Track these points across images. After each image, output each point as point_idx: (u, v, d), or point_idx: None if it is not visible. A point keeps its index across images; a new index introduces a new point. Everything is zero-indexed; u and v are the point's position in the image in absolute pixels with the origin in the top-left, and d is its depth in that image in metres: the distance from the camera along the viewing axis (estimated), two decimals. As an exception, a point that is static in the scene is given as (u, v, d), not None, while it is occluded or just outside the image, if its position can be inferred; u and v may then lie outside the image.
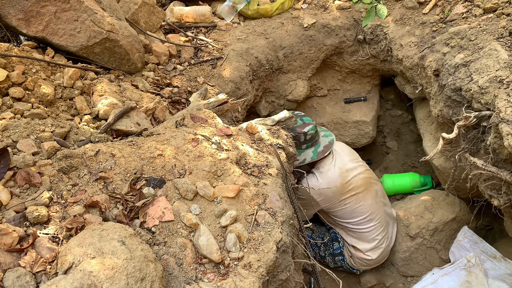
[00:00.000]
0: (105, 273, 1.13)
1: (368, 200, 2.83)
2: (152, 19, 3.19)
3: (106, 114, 2.09)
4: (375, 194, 2.89)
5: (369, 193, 2.85)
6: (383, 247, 2.91)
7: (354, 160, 2.90)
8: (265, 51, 3.15)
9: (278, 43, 3.23)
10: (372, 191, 2.88)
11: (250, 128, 2.12)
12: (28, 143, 1.66)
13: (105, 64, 2.55)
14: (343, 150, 2.94)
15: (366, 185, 2.84)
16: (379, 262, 2.99)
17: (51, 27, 2.37)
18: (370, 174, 2.96)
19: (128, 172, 1.69)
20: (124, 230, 1.30)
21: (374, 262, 2.96)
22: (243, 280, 1.45)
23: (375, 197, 2.88)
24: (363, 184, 2.83)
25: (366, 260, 2.92)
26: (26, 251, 1.25)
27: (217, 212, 1.63)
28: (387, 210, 2.99)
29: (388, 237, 2.95)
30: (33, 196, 1.46)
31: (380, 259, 2.96)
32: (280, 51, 3.23)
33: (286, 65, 3.30)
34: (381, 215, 2.90)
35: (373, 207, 2.85)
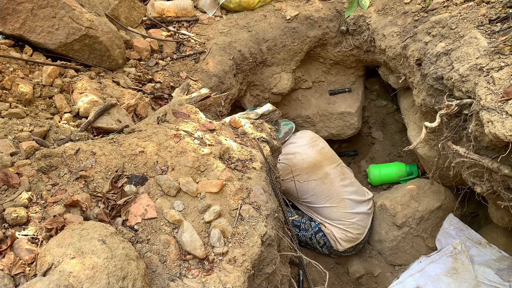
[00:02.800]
0: (85, 273, 1.12)
1: (313, 182, 2.91)
2: (133, 14, 3.15)
3: (86, 112, 2.05)
4: (324, 175, 2.95)
5: (314, 175, 2.92)
6: (351, 234, 2.95)
7: (309, 146, 2.99)
8: (248, 44, 3.13)
9: (261, 36, 3.21)
10: (319, 172, 2.94)
11: (233, 122, 2.11)
12: (5, 143, 1.63)
13: (85, 61, 2.51)
14: (303, 137, 3.06)
15: (312, 167, 2.93)
16: (350, 241, 3.00)
17: (28, 24, 2.32)
18: (322, 158, 3.01)
19: (109, 170, 1.67)
20: (104, 229, 1.28)
21: (344, 240, 2.98)
22: (227, 275, 1.45)
23: (324, 178, 2.95)
24: (309, 166, 2.92)
25: (332, 237, 2.97)
26: (4, 254, 1.23)
27: (201, 208, 1.62)
28: (349, 195, 3.00)
29: (358, 224, 2.97)
30: (11, 197, 1.44)
31: (347, 238, 2.98)
32: (263, 44, 3.21)
33: (270, 58, 3.29)
34: (338, 197, 2.95)
35: (320, 188, 2.93)
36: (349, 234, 2.95)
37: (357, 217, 2.97)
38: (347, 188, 3.01)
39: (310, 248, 3.11)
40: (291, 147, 2.99)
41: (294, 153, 2.96)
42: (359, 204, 3.01)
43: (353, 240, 2.97)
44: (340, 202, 2.95)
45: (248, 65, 3.15)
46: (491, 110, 1.74)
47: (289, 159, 2.91)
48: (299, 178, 2.87)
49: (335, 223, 2.95)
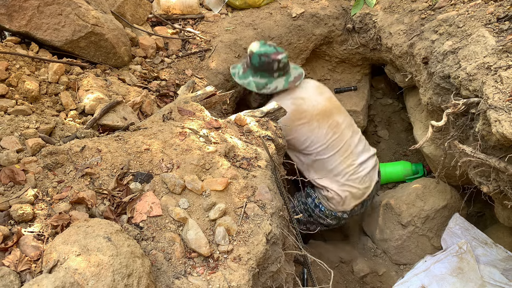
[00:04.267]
0: (91, 270, 1.12)
1: (324, 128, 2.76)
2: (139, 12, 3.15)
3: (92, 109, 2.06)
4: (335, 124, 2.81)
5: (325, 122, 2.77)
6: (358, 189, 2.83)
7: (317, 93, 2.84)
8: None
9: (266, 33, 3.20)
10: (330, 121, 2.79)
11: (238, 120, 2.10)
12: (12, 140, 1.64)
13: (91, 59, 2.51)
14: (309, 83, 2.91)
15: (322, 115, 2.77)
16: (357, 197, 2.87)
17: (34, 21, 2.32)
18: (332, 106, 2.86)
19: (114, 168, 1.67)
20: (110, 226, 1.28)
21: (351, 197, 2.85)
22: (232, 273, 1.45)
23: (334, 127, 2.80)
24: (320, 113, 2.76)
25: (338, 198, 2.83)
26: (10, 250, 1.23)
27: (206, 206, 1.62)
28: (358, 147, 2.89)
29: (365, 177, 2.86)
30: (17, 194, 1.44)
31: (353, 194, 2.85)
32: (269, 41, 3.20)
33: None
34: (348, 149, 2.83)
35: (329, 136, 2.78)
36: (355, 189, 2.81)
37: (365, 170, 2.84)
38: (356, 140, 2.89)
39: (319, 224, 2.99)
40: (300, 92, 2.80)
41: (304, 98, 2.77)
42: (367, 158, 2.89)
43: (360, 196, 2.85)
44: (350, 154, 2.82)
45: (253, 63, 3.14)
46: (498, 109, 1.73)
47: (299, 105, 2.73)
48: (309, 126, 2.72)
49: (341, 179, 2.80)
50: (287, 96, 2.75)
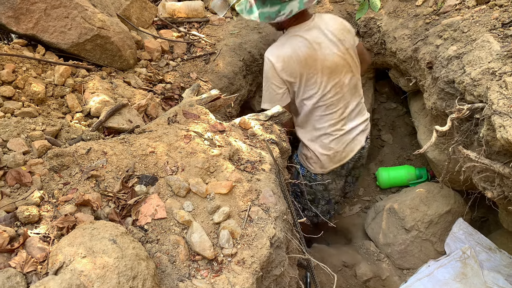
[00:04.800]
0: (96, 272, 1.13)
1: (328, 86, 2.52)
2: (144, 15, 3.17)
3: (98, 112, 2.07)
4: (340, 84, 2.56)
5: (331, 80, 2.52)
6: (333, 145, 2.67)
7: (336, 40, 2.50)
8: (259, 46, 3.14)
9: (271, 37, 3.21)
10: (337, 79, 2.54)
11: (243, 123, 2.11)
12: (18, 142, 1.65)
13: (97, 61, 2.53)
14: (332, 25, 2.52)
15: (331, 70, 2.50)
16: (336, 161, 2.73)
17: (41, 24, 2.34)
18: (345, 62, 2.56)
19: (120, 170, 1.68)
20: (115, 229, 1.29)
21: (329, 160, 2.71)
22: (236, 277, 1.45)
23: (338, 87, 2.56)
24: (329, 68, 2.49)
25: (315, 159, 2.71)
26: (17, 251, 1.24)
27: (210, 209, 1.62)
28: (353, 108, 2.70)
29: (347, 136, 2.69)
30: (24, 195, 1.45)
31: (331, 158, 2.71)
32: (273, 46, 3.21)
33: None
34: (341, 108, 2.62)
35: (330, 95, 2.55)
36: (336, 153, 2.67)
37: (351, 134, 2.68)
38: (354, 105, 2.68)
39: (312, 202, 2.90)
40: (318, 33, 2.45)
41: (320, 44, 2.44)
42: (358, 124, 2.72)
43: (339, 159, 2.72)
44: (342, 119, 2.64)
45: (258, 66, 3.15)
46: (503, 114, 1.73)
47: (314, 50, 2.42)
48: (313, 78, 2.47)
49: (325, 141, 2.64)
50: (303, 33, 2.43)
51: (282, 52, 2.42)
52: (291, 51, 2.40)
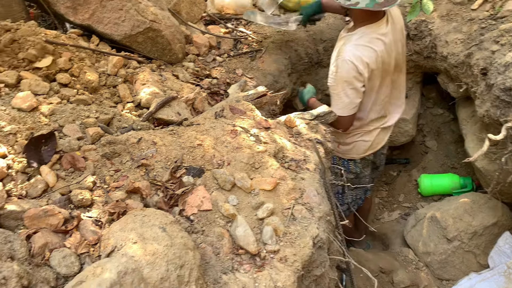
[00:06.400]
0: (146, 258, 1.15)
1: (384, 86, 2.49)
2: (194, 10, 3.22)
3: (148, 103, 2.12)
4: (393, 82, 2.54)
5: (388, 78, 2.49)
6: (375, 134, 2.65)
7: (401, 36, 2.48)
8: (305, 44, 3.12)
9: (318, 36, 3.19)
10: (394, 78, 2.52)
11: (288, 121, 2.11)
12: (73, 128, 1.71)
13: (147, 54, 2.59)
14: (398, 17, 2.48)
15: (392, 69, 2.47)
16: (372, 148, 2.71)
17: (96, 15, 2.42)
18: (402, 59, 2.56)
19: (168, 160, 1.71)
20: (165, 217, 1.32)
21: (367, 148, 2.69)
22: (278, 274, 1.45)
23: (390, 85, 2.53)
24: (392, 67, 2.45)
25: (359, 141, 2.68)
26: (71, 233, 1.29)
27: (254, 204, 1.63)
28: (397, 103, 2.68)
29: (386, 124, 2.67)
30: (77, 179, 1.51)
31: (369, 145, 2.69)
32: (320, 45, 3.19)
33: (326, 59, 3.25)
34: (388, 103, 2.60)
35: (384, 95, 2.52)
36: (377, 137, 2.67)
37: (389, 123, 2.67)
38: (400, 100, 2.68)
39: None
40: (389, 31, 2.36)
41: (391, 45, 2.36)
42: (397, 115, 2.71)
43: (375, 146, 2.71)
44: (386, 113, 2.63)
45: (303, 65, 3.14)
46: None
47: (387, 52, 2.36)
48: (377, 76, 2.38)
49: (368, 126, 2.61)
50: (379, 35, 2.32)
51: (362, 53, 2.29)
52: (371, 53, 2.30)
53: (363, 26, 2.32)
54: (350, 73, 2.28)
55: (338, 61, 2.31)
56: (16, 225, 1.29)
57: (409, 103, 3.61)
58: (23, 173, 1.47)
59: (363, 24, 2.33)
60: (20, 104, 1.70)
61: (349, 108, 2.38)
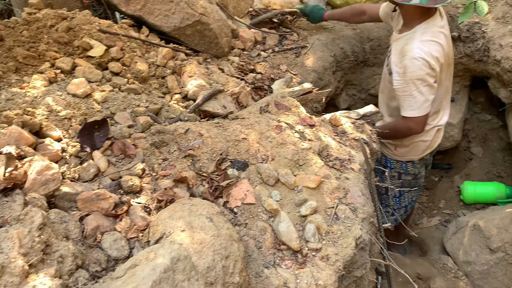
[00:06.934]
0: (194, 247, 1.17)
1: (445, 80, 2.49)
2: (241, 5, 3.23)
3: (194, 95, 2.15)
4: (449, 76, 2.56)
5: (448, 73, 2.51)
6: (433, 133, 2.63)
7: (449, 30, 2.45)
8: (352, 42, 3.08)
9: (365, 34, 3.14)
10: (450, 71, 2.53)
11: (334, 120, 2.08)
12: (124, 116, 1.76)
13: (194, 47, 2.62)
14: (445, 17, 2.44)
15: (450, 64, 2.48)
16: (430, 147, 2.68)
17: (148, 7, 2.47)
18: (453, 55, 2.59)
19: (214, 152, 1.73)
20: (211, 208, 1.33)
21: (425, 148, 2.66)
22: (320, 272, 1.44)
23: (447, 79, 2.53)
24: (449, 62, 2.46)
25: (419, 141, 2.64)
26: (121, 217, 1.33)
27: (297, 201, 1.63)
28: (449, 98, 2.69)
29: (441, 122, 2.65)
30: (127, 166, 1.55)
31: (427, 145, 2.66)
32: (367, 43, 3.14)
33: (372, 58, 3.20)
34: (444, 99, 2.60)
35: (443, 90, 2.54)
36: (434, 136, 2.65)
37: (442, 121, 2.65)
38: (450, 95, 2.69)
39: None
40: (446, 25, 2.35)
41: (446, 35, 2.34)
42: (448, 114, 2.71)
43: (432, 146, 2.69)
44: (441, 109, 2.62)
45: (348, 64, 3.10)
46: None
47: (448, 47, 2.35)
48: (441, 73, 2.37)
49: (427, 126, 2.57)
50: (441, 28, 2.33)
51: (431, 48, 2.26)
52: (438, 47, 2.28)
53: (421, 22, 2.30)
54: (422, 70, 2.26)
55: (405, 61, 2.28)
56: (69, 206, 1.34)
57: (456, 107, 3.50)
58: (76, 157, 1.53)
59: (420, 20, 2.31)
60: (75, 90, 1.76)
61: (424, 107, 2.36)
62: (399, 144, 2.68)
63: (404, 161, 2.75)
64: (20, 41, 1.99)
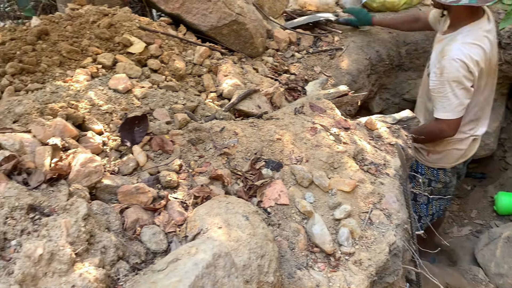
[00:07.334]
0: (230, 244, 1.18)
1: (487, 88, 2.43)
2: (276, 5, 3.23)
3: (229, 94, 2.17)
4: (490, 84, 2.48)
5: (490, 79, 2.44)
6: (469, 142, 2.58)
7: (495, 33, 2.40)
8: (387, 46, 3.04)
9: (402, 38, 3.10)
10: (492, 79, 2.46)
11: (369, 123, 2.06)
12: (163, 112, 1.79)
13: (229, 46, 2.64)
14: (492, 20, 2.39)
15: (493, 70, 2.43)
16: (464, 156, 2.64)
17: (186, 5, 2.50)
18: (496, 62, 2.50)
19: (248, 152, 1.74)
20: (247, 206, 1.34)
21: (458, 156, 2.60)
22: (352, 276, 1.44)
23: (489, 87, 2.47)
24: (494, 68, 2.42)
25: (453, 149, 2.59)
26: (160, 211, 1.35)
27: (331, 204, 1.62)
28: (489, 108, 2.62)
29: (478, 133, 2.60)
30: (165, 161, 1.57)
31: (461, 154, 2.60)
32: (403, 47, 3.10)
33: (407, 62, 3.16)
34: (484, 108, 2.54)
35: (483, 97, 2.47)
36: (470, 145, 2.60)
37: (480, 131, 2.60)
38: (489, 108, 2.63)
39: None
40: (493, 31, 2.31)
41: (491, 40, 2.30)
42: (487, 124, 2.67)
43: (466, 155, 2.65)
44: (480, 119, 2.57)
45: (383, 67, 3.07)
46: None
47: (492, 51, 2.31)
48: (481, 79, 2.33)
49: (463, 134, 2.54)
50: (486, 32, 2.28)
51: (471, 51, 2.22)
52: (480, 50, 2.24)
53: (467, 24, 2.26)
54: (460, 72, 2.22)
55: (443, 61, 2.24)
56: (109, 199, 1.37)
57: (492, 115, 3.38)
58: (116, 151, 1.56)
59: (466, 22, 2.27)
60: (116, 85, 1.80)
61: (458, 110, 2.31)
62: (432, 150, 2.64)
63: (435, 168, 2.70)
64: (64, 36, 2.05)
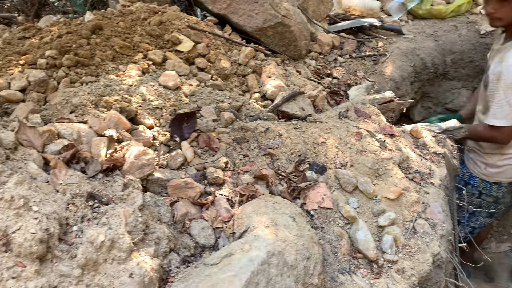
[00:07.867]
0: (277, 244, 1.19)
1: None
2: (320, 8, 3.22)
3: (273, 95, 2.18)
4: None
5: None
6: None
7: None
8: (432, 54, 2.99)
9: (448, 47, 3.03)
10: None
11: (415, 131, 2.03)
12: (209, 110, 1.81)
13: (273, 48, 2.65)
14: None
15: None
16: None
17: (233, 6, 2.53)
18: None
19: (292, 153, 1.75)
20: (293, 207, 1.35)
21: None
22: (395, 284, 1.42)
23: None
24: None
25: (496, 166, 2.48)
26: (207, 207, 1.37)
27: (375, 211, 1.60)
28: None
29: None
30: (211, 158, 1.60)
31: None
32: (448, 56, 3.03)
33: (452, 71, 3.09)
34: None
35: None
36: None
37: None
38: None
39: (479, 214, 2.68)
40: None
41: None
42: None
43: None
44: None
45: (427, 75, 3.01)
46: None
47: None
48: None
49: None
50: None
51: None
52: None
53: None
54: None
55: (501, 67, 2.18)
56: (159, 191, 1.41)
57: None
58: (165, 145, 1.60)
59: None
60: (167, 82, 1.84)
61: (510, 117, 2.22)
62: (491, 164, 2.52)
63: (490, 182, 2.58)
64: (117, 31, 2.11)
